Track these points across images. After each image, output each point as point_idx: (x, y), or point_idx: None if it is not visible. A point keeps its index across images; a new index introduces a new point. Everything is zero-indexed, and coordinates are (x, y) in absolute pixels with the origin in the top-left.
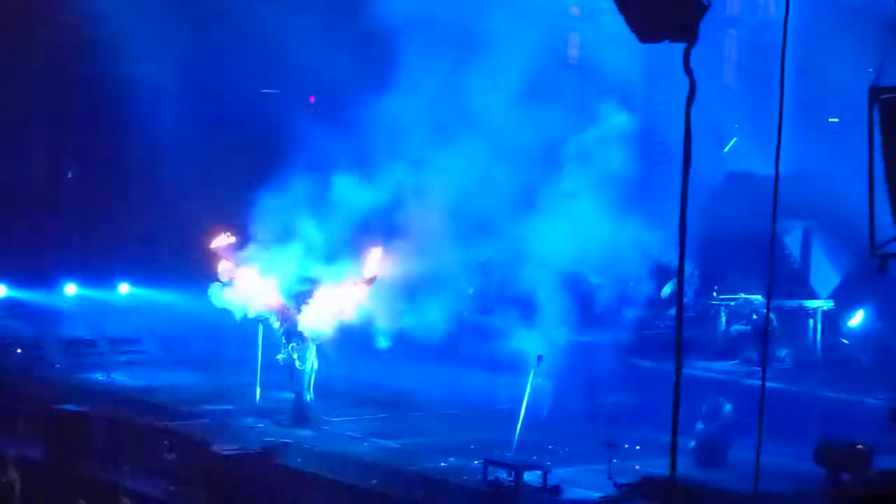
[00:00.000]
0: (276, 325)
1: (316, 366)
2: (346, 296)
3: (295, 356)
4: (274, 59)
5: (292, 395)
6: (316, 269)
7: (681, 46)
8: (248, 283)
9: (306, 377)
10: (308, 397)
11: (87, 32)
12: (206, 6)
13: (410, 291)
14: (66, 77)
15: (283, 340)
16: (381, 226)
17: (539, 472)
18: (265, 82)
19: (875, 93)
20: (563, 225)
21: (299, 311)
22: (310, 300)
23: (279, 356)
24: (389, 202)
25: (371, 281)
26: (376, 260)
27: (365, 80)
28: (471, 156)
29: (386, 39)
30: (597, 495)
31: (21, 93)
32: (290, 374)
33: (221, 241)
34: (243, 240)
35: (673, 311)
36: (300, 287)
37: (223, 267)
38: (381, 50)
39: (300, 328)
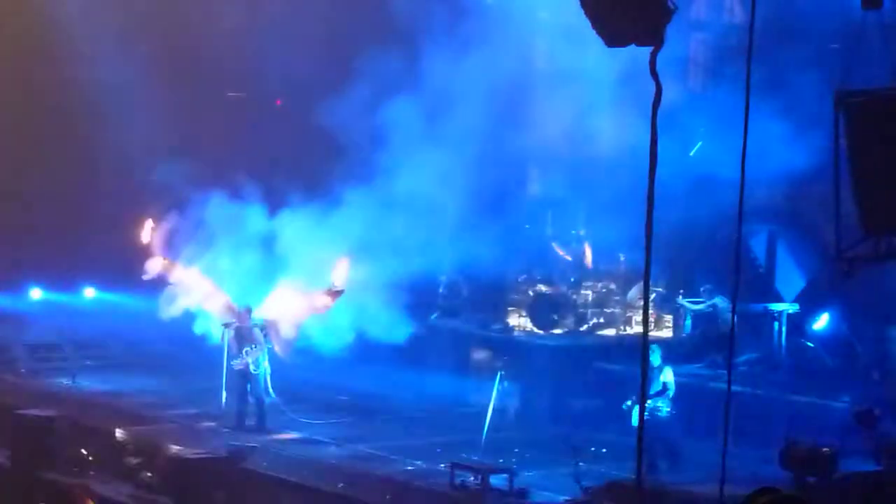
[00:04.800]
0: (229, 329)
1: (269, 369)
2: (309, 305)
3: (249, 360)
4: (240, 61)
5: (253, 400)
6: (280, 277)
7: (647, 50)
8: (195, 287)
9: (261, 381)
10: (269, 399)
11: (52, 35)
12: (173, 6)
13: (378, 296)
14: (27, 80)
15: (236, 345)
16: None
17: (505, 475)
18: (232, 85)
19: (840, 97)
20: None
21: (251, 316)
22: (265, 305)
23: (233, 361)
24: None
25: (337, 294)
26: (343, 272)
27: (329, 83)
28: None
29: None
30: (563, 498)
31: None
32: (245, 378)
33: (147, 231)
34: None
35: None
36: (256, 293)
37: (154, 264)
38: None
39: (253, 333)
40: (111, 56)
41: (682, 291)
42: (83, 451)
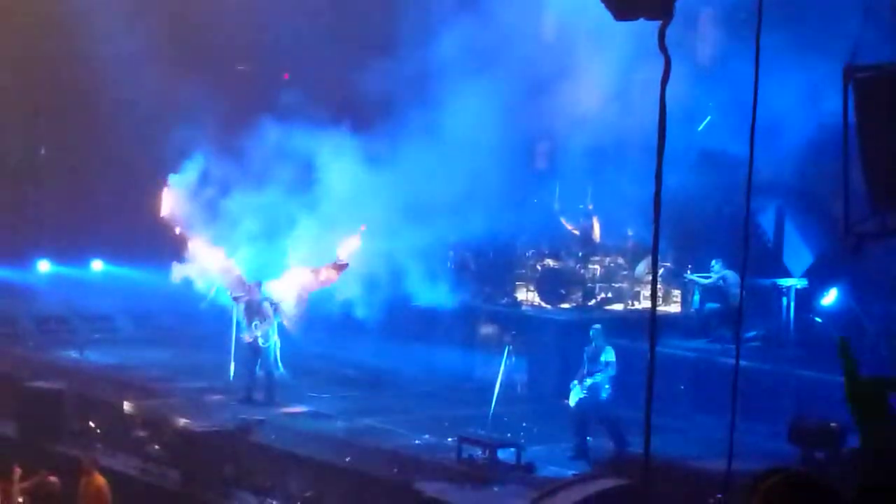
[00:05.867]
0: (239, 303)
1: (279, 343)
2: (315, 279)
3: (258, 334)
4: (249, 35)
5: (262, 373)
6: (289, 252)
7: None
8: (208, 260)
9: (271, 354)
10: (278, 373)
11: (60, 11)
12: None
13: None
14: (38, 55)
15: (245, 318)
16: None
17: (513, 449)
18: (240, 59)
19: (850, 72)
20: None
21: (261, 289)
22: (275, 279)
23: (242, 334)
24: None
25: (342, 267)
26: (352, 248)
27: (340, 59)
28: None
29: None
30: (570, 472)
31: None
32: (254, 352)
33: (166, 201)
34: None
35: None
36: (266, 267)
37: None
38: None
39: (263, 306)
40: (121, 30)
41: (690, 266)
42: (91, 423)
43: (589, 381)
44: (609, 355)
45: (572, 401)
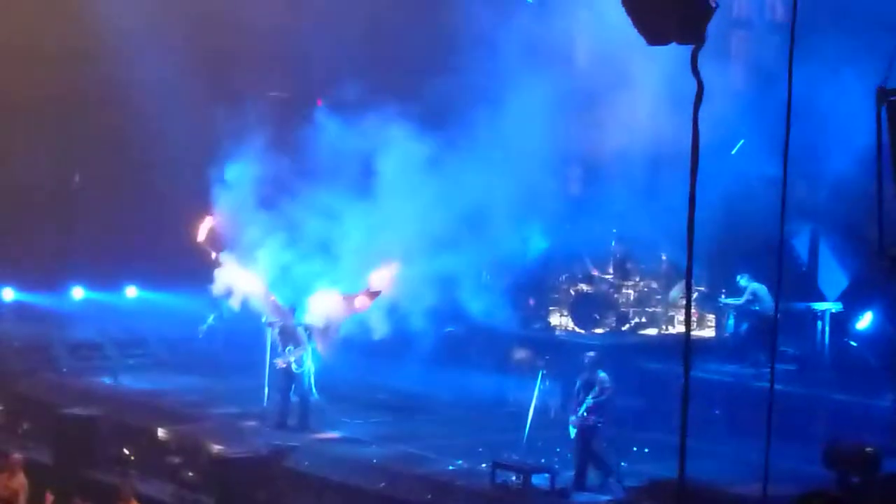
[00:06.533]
0: (274, 328)
1: (313, 368)
2: (349, 306)
3: (291, 359)
4: (281, 61)
5: (297, 399)
6: (324, 277)
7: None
8: (242, 284)
9: (306, 379)
10: (312, 399)
11: (93, 40)
12: (209, 7)
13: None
14: (72, 81)
15: (280, 343)
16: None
17: (547, 475)
18: (273, 84)
19: (883, 94)
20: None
21: (296, 314)
22: (309, 304)
23: (276, 360)
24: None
25: (375, 295)
26: (388, 276)
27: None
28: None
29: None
30: (604, 498)
31: (28, 99)
32: (289, 377)
33: (205, 228)
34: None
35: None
36: (300, 291)
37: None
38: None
39: (297, 332)
40: (154, 58)
41: (724, 291)
42: (125, 450)
43: (584, 409)
44: (603, 382)
45: (572, 432)
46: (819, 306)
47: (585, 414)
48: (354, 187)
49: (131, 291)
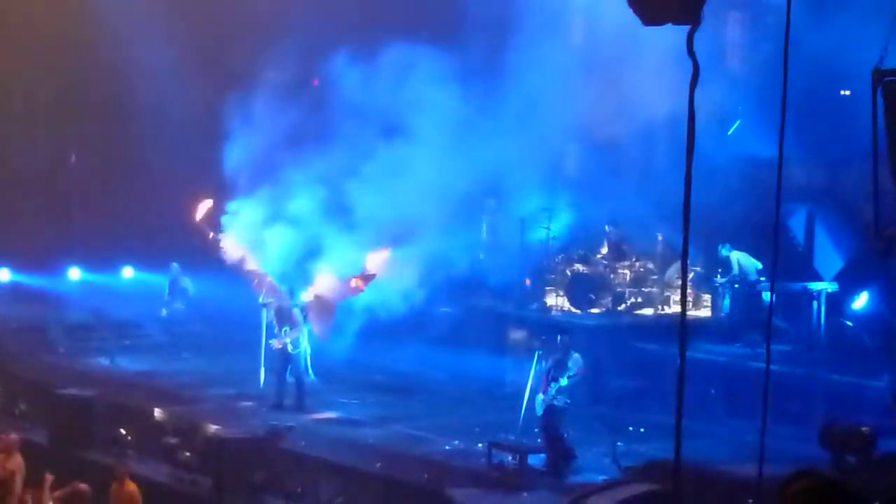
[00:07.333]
0: (269, 309)
1: (308, 349)
2: (343, 288)
3: (287, 340)
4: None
5: (293, 380)
6: (319, 261)
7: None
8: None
9: (302, 360)
10: (308, 379)
11: (91, 21)
12: None
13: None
14: (68, 63)
15: (276, 324)
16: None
17: (543, 455)
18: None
19: (879, 75)
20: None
21: (292, 296)
22: (305, 287)
23: (272, 340)
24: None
25: (370, 278)
26: (381, 261)
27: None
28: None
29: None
30: (601, 478)
31: (24, 79)
32: (285, 358)
33: (203, 209)
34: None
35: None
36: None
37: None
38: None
39: (293, 314)
40: (153, 39)
41: (720, 271)
42: (122, 430)
43: (553, 388)
44: (577, 364)
45: (538, 410)
46: (815, 286)
47: (555, 394)
48: (351, 169)
49: (128, 272)
